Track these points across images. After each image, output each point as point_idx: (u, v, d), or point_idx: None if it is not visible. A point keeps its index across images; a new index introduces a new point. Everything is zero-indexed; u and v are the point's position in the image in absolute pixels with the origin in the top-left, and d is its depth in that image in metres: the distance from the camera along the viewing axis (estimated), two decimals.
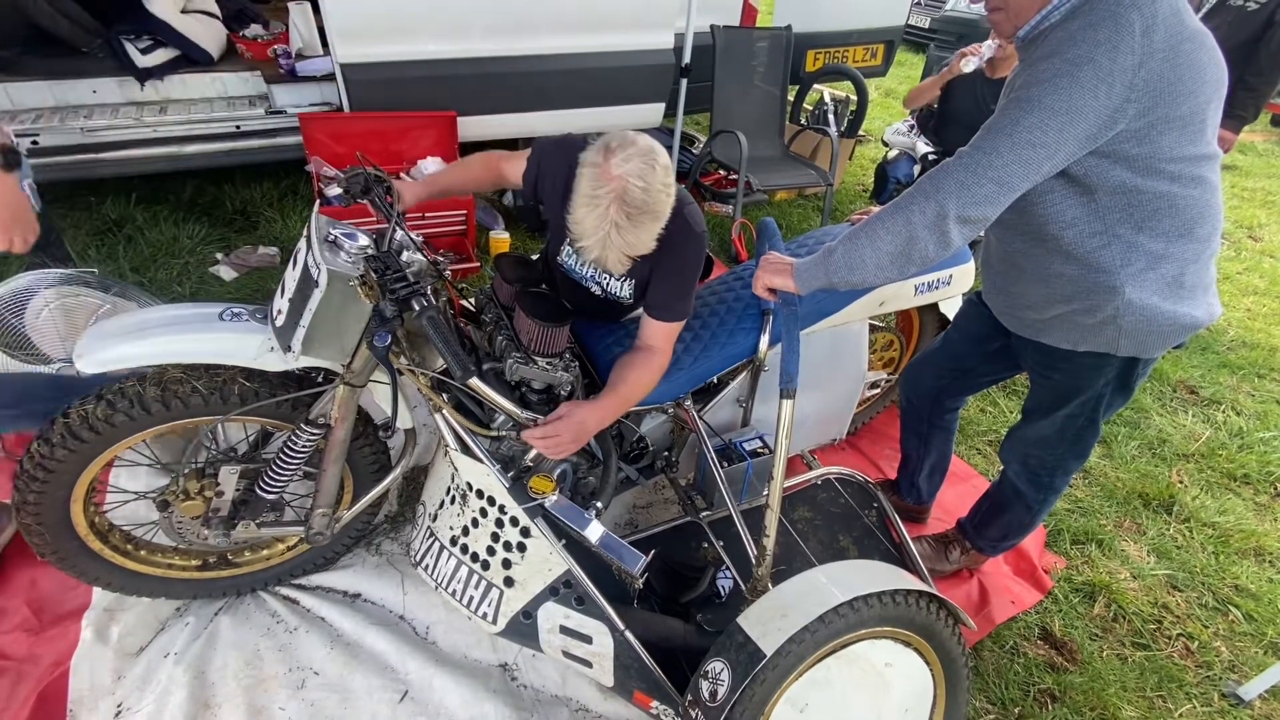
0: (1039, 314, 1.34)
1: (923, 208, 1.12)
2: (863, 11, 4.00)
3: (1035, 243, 1.26)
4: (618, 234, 1.18)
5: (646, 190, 1.17)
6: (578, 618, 1.33)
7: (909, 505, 2.01)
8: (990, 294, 1.51)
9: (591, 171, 1.19)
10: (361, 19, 2.63)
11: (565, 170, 1.33)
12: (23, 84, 2.71)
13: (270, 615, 1.58)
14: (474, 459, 1.37)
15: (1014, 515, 1.68)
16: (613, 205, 1.16)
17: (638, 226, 1.19)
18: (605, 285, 1.51)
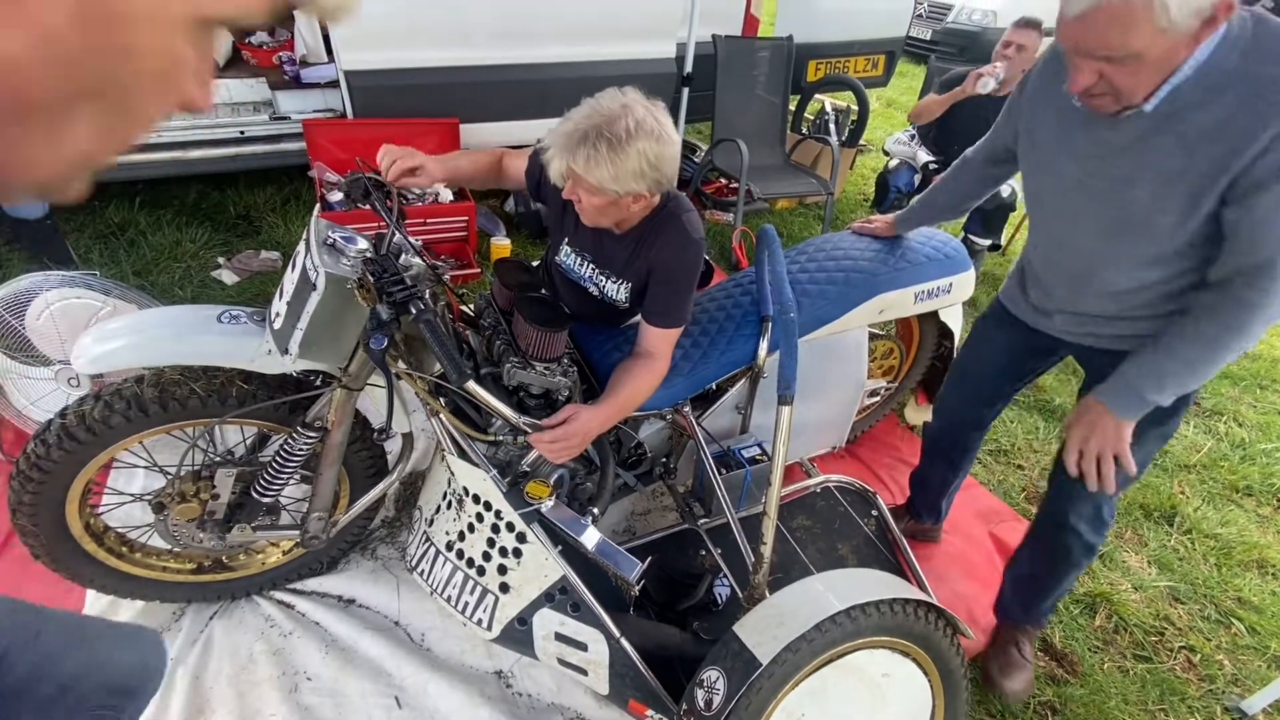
0: (1134, 327, 1.26)
1: (1262, 321, 1.06)
2: (864, 23, 4.02)
3: (1181, 274, 1.17)
4: (594, 149, 1.18)
5: (633, 115, 1.19)
6: (573, 625, 1.32)
7: (926, 526, 1.99)
8: (1050, 313, 1.40)
9: (578, 109, 1.24)
10: (365, 26, 2.65)
11: None
12: None
13: (265, 620, 1.58)
14: (471, 464, 1.36)
15: (1077, 570, 1.54)
16: (587, 118, 1.19)
17: (617, 151, 1.18)
18: (602, 287, 1.51)
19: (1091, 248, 1.23)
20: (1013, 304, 1.51)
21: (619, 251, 1.43)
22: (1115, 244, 1.19)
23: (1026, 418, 2.56)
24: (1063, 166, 1.22)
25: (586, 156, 1.18)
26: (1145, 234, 1.13)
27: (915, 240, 1.84)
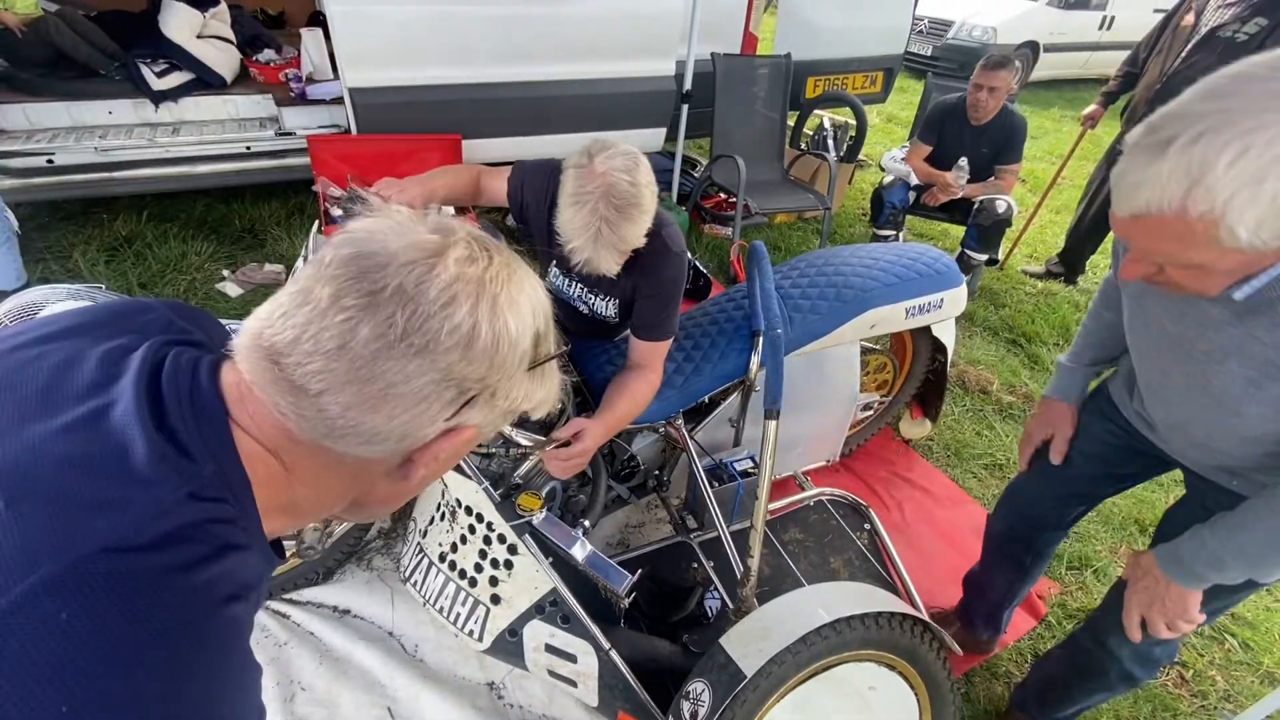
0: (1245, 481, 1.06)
1: None
2: (862, 40, 4.08)
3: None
4: (608, 229, 1.20)
5: (634, 184, 1.20)
6: (563, 636, 1.33)
7: (982, 639, 1.71)
8: (1168, 432, 1.17)
9: (576, 172, 1.22)
10: (370, 45, 2.71)
11: (548, 190, 1.38)
12: (41, 105, 2.80)
13: (260, 630, 1.59)
14: (463, 476, 1.39)
15: (1109, 695, 1.41)
16: (600, 201, 1.18)
17: (627, 220, 1.21)
18: (592, 305, 1.54)
19: (1185, 409, 1.06)
20: (1121, 402, 1.27)
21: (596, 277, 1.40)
22: (1207, 415, 1.01)
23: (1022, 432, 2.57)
24: (1155, 314, 1.02)
25: (610, 249, 1.23)
26: (1236, 417, 0.96)
27: (907, 256, 1.86)
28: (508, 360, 0.49)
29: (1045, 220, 4.55)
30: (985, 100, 2.93)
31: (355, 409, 0.45)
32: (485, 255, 0.49)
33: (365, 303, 0.44)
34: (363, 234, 0.47)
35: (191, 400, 0.45)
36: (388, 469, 0.52)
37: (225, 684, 0.41)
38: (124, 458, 0.40)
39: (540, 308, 0.53)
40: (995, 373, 2.86)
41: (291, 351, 0.44)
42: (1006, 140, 3.03)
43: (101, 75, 2.93)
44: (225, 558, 0.42)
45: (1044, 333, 3.15)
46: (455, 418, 0.49)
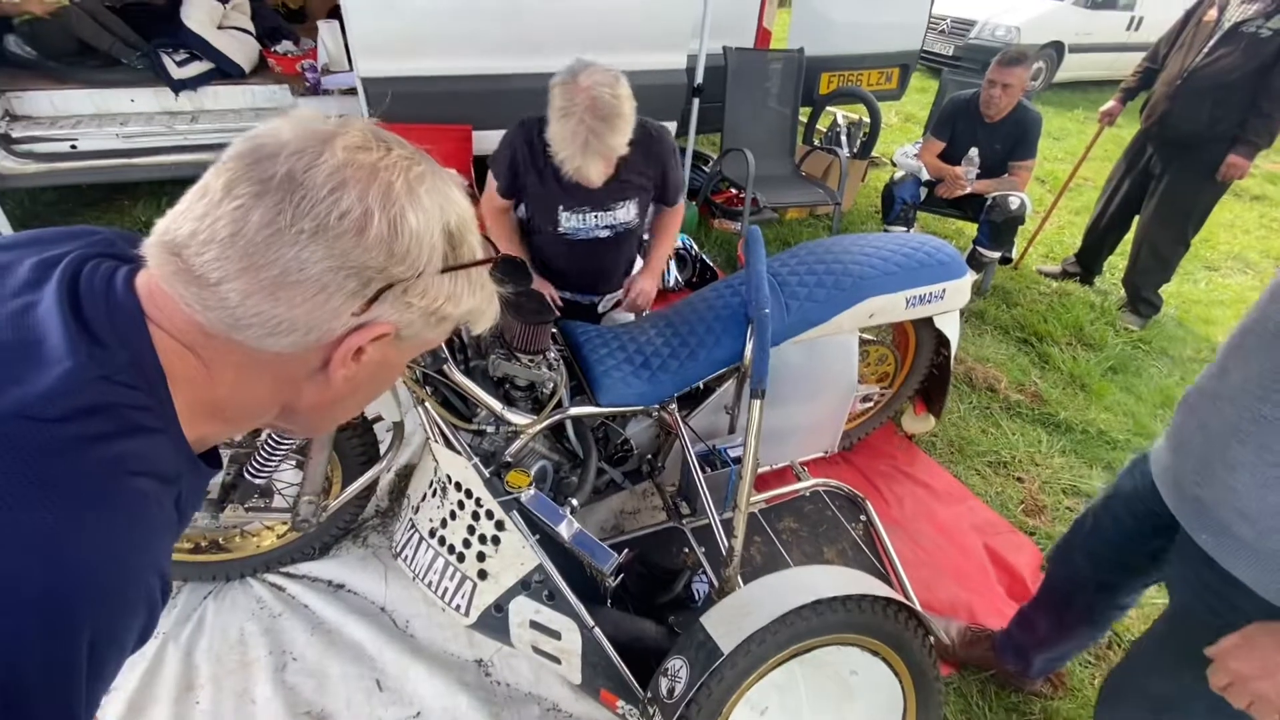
0: (1256, 524, 0.89)
1: None
2: (877, 36, 4.05)
3: None
4: (595, 139, 1.35)
5: (615, 97, 1.36)
6: (548, 613, 1.34)
7: (1007, 667, 1.61)
8: (1185, 475, 1.03)
9: (563, 89, 1.38)
10: (382, 36, 2.75)
11: (531, 139, 1.67)
12: (67, 92, 2.88)
13: (256, 601, 1.62)
14: (454, 452, 1.40)
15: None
16: (586, 113, 1.33)
17: (611, 129, 1.36)
18: (614, 221, 1.74)
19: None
20: (1159, 465, 1.15)
21: (614, 185, 1.68)
22: None
23: (1029, 430, 2.53)
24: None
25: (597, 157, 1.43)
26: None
27: (908, 245, 1.84)
28: (410, 252, 0.49)
29: (1064, 220, 4.48)
30: (999, 97, 2.89)
31: (254, 296, 0.46)
32: (382, 146, 0.50)
33: (256, 190, 0.45)
34: (262, 129, 0.49)
35: (106, 299, 0.47)
36: (309, 370, 0.53)
37: (128, 549, 0.44)
38: (41, 344, 0.44)
39: (453, 208, 0.53)
40: (1004, 371, 2.82)
41: (190, 243, 0.46)
42: (1020, 136, 2.98)
43: (124, 64, 3.01)
44: (134, 437, 0.45)
45: (1056, 332, 3.10)
46: (366, 312, 0.50)
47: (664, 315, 1.81)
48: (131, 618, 0.45)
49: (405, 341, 0.55)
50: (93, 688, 0.43)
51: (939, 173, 3.15)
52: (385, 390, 0.66)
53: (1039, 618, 1.51)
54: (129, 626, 0.45)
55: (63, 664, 0.40)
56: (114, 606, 0.44)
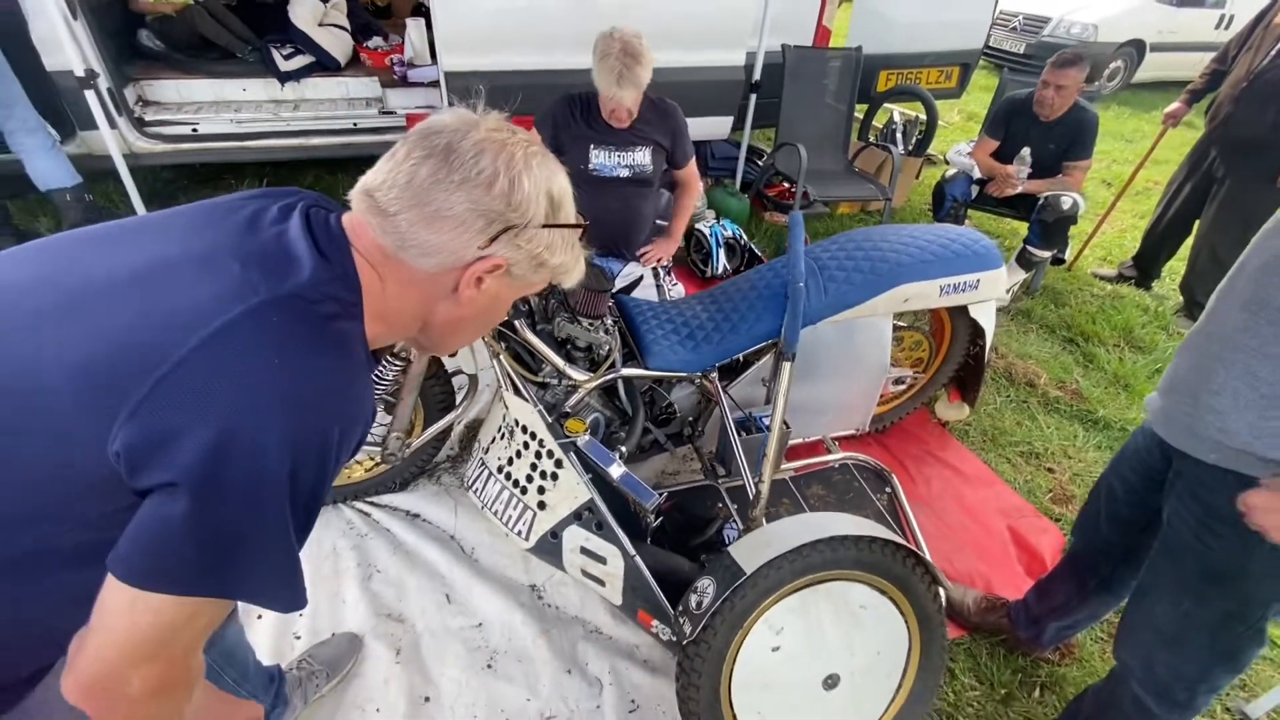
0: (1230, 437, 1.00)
1: None
2: (938, 35, 4.07)
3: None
4: (628, 71, 1.94)
5: (639, 43, 1.97)
6: (596, 541, 1.54)
7: (1019, 635, 1.68)
8: (1170, 403, 1.14)
9: (603, 40, 1.99)
10: (464, 33, 3.00)
11: (569, 108, 2.23)
12: (190, 82, 3.26)
13: (347, 523, 1.89)
14: (522, 399, 1.62)
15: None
16: (621, 54, 1.93)
17: (638, 64, 1.95)
18: (632, 160, 2.21)
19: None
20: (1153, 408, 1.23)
21: (632, 131, 2.21)
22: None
23: (1066, 425, 2.58)
24: None
25: (630, 85, 2.00)
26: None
27: (945, 236, 1.96)
28: (522, 204, 0.70)
29: (1127, 224, 4.40)
30: (1052, 98, 2.92)
31: (417, 225, 0.68)
32: (511, 132, 0.72)
33: (425, 153, 0.67)
34: (434, 117, 0.73)
35: (327, 230, 0.71)
36: (444, 291, 0.74)
37: (359, 384, 0.69)
38: (296, 255, 0.68)
39: (557, 181, 0.74)
40: (1045, 368, 2.86)
41: (380, 187, 0.68)
42: (1076, 137, 3.00)
43: (238, 58, 3.37)
44: (350, 320, 0.69)
45: (1104, 333, 3.11)
46: (489, 247, 0.70)
47: (710, 293, 1.98)
48: (359, 424, 0.69)
49: (514, 279, 0.76)
50: (335, 468, 0.67)
51: (990, 171, 3.19)
52: (496, 323, 0.88)
53: (1058, 586, 1.60)
54: (357, 428, 0.69)
55: (324, 444, 0.64)
56: (352, 417, 0.67)
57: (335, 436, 0.65)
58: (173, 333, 0.60)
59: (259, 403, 0.60)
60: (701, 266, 3.36)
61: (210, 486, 0.58)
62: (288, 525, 0.64)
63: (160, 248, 0.68)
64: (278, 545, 0.64)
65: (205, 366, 0.59)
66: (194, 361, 0.59)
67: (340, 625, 1.65)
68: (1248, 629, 1.08)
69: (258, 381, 0.60)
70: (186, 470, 0.57)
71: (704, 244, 3.32)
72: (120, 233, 0.71)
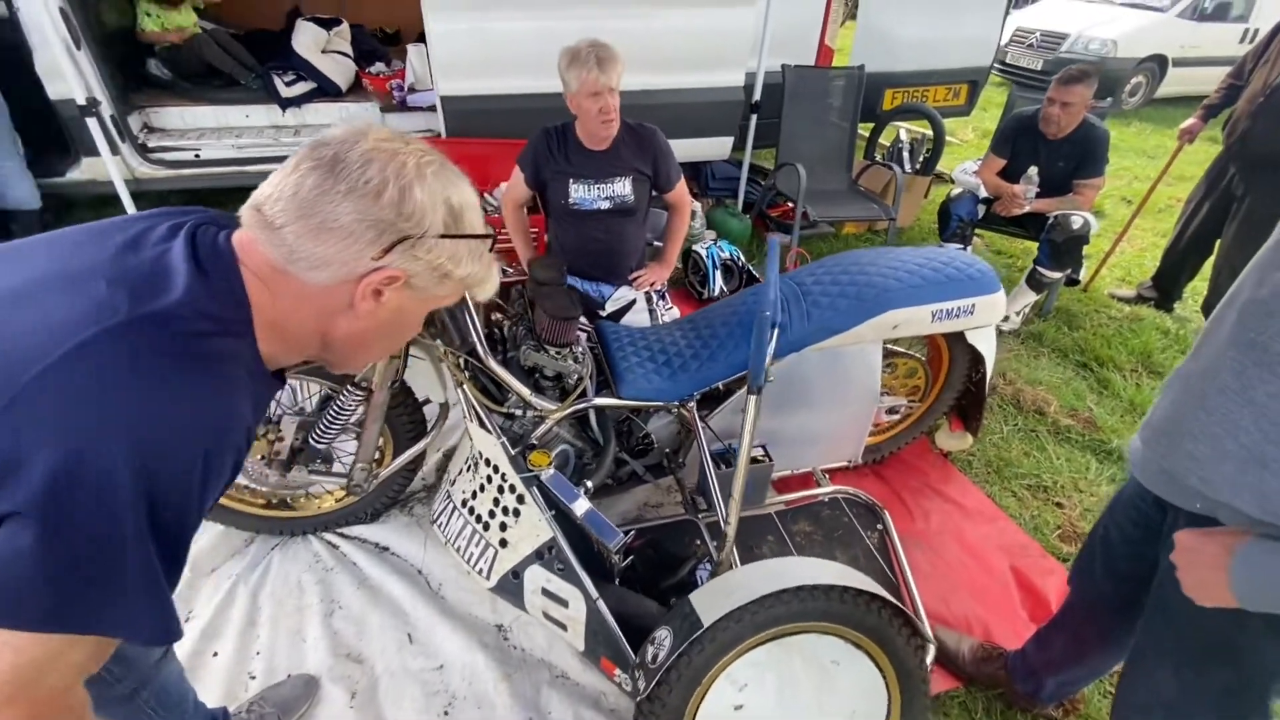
0: (1212, 488, 0.90)
1: None
2: (945, 52, 4.00)
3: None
4: (603, 57, 1.93)
5: (606, 43, 1.97)
6: (558, 582, 1.46)
7: (1018, 690, 1.58)
8: (1149, 447, 1.04)
9: (567, 52, 1.99)
10: (461, 58, 3.01)
11: (546, 143, 2.19)
12: (194, 108, 3.32)
13: (314, 555, 1.84)
14: (486, 431, 1.56)
15: None
16: (590, 49, 1.94)
17: (611, 57, 1.96)
18: (613, 193, 2.18)
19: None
20: (1135, 456, 1.14)
21: (610, 161, 2.17)
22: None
23: (1077, 456, 2.44)
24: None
25: (607, 69, 1.95)
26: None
27: (937, 260, 1.87)
28: (415, 214, 0.67)
29: (1148, 242, 4.24)
30: (1059, 115, 2.82)
31: (304, 238, 0.65)
32: (405, 142, 0.69)
33: (312, 164, 0.66)
34: (325, 132, 0.70)
35: (213, 248, 0.69)
36: (341, 304, 0.70)
37: (227, 404, 0.65)
38: (172, 274, 0.65)
39: (457, 191, 0.71)
40: (1056, 394, 2.73)
41: (266, 200, 0.66)
42: (1085, 155, 2.89)
43: (242, 84, 3.43)
44: (226, 339, 0.66)
45: (1120, 358, 2.96)
46: (382, 259, 0.67)
47: (691, 319, 1.92)
48: (229, 452, 0.66)
49: (417, 292, 0.73)
50: (202, 498, 0.63)
51: (996, 190, 3.09)
52: (406, 338, 0.86)
53: (1055, 637, 1.49)
54: (227, 457, 0.66)
55: (187, 467, 0.61)
56: (218, 438, 0.64)
57: (198, 460, 0.62)
58: (24, 355, 0.58)
59: (108, 425, 0.57)
60: (699, 288, 3.29)
61: (58, 515, 0.56)
62: (149, 556, 0.61)
63: (41, 267, 0.66)
64: (140, 577, 0.61)
65: (53, 389, 0.57)
66: (42, 384, 0.57)
67: (299, 665, 1.58)
68: (1253, 706, 0.98)
69: (108, 403, 0.58)
70: (32, 498, 0.55)
71: (701, 265, 3.25)
72: (12, 252, 0.70)
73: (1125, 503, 1.20)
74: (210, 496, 0.65)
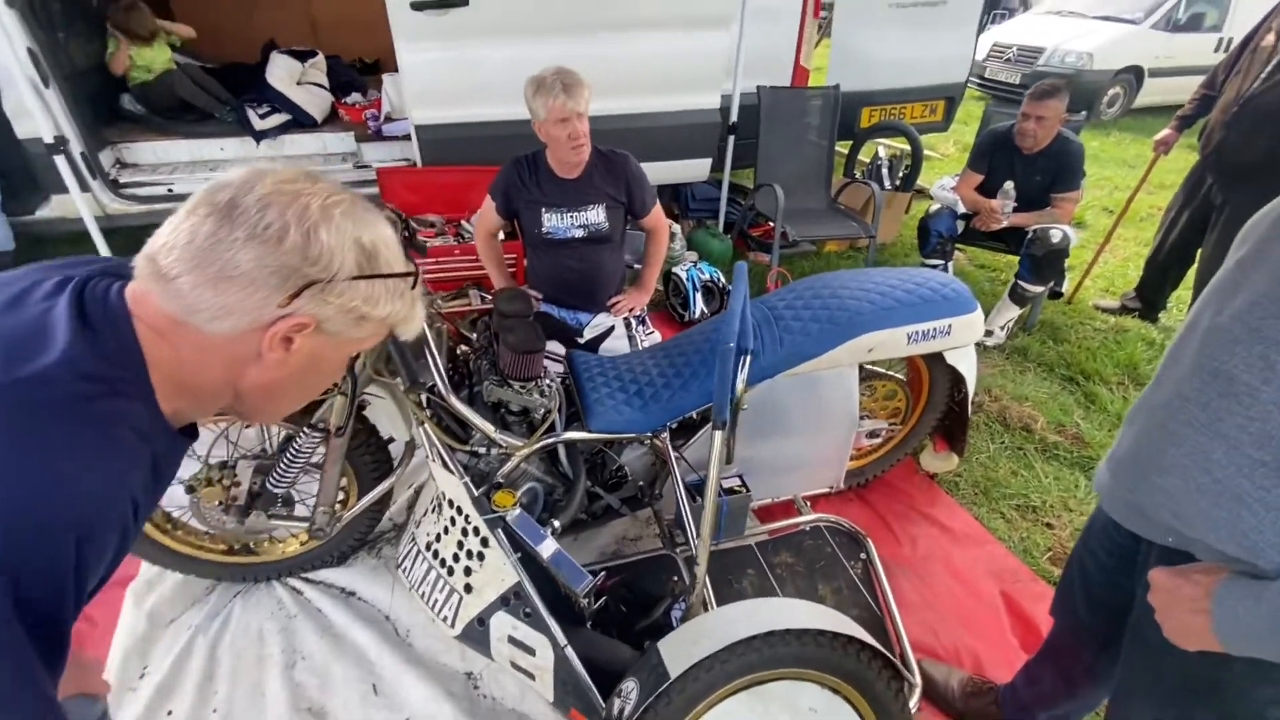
0: (1186, 524, 0.86)
1: None
2: (920, 70, 4.02)
3: None
4: (569, 83, 1.93)
5: (572, 72, 1.97)
6: (524, 629, 1.40)
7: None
8: (1117, 481, 1.00)
9: (534, 80, 1.99)
10: (434, 86, 3.00)
11: (517, 172, 2.17)
12: (168, 143, 3.30)
13: (277, 602, 1.77)
14: (448, 471, 1.50)
15: None
16: (555, 75, 1.94)
17: (577, 83, 1.95)
18: (586, 220, 2.15)
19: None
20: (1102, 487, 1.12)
21: (582, 188, 2.14)
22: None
23: (1066, 473, 2.40)
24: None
25: (574, 95, 1.94)
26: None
27: (911, 280, 1.83)
28: (322, 257, 0.63)
29: (1129, 253, 4.23)
30: (1033, 130, 2.82)
31: (200, 287, 0.61)
32: (309, 180, 0.66)
33: (207, 210, 0.62)
34: (224, 174, 0.65)
35: (103, 303, 0.64)
36: (250, 353, 0.66)
37: (108, 476, 0.59)
38: (53, 332, 0.60)
39: (369, 229, 0.68)
40: (1043, 410, 2.68)
41: (159, 249, 0.62)
42: (1061, 168, 2.89)
43: (216, 118, 3.42)
44: (116, 399, 0.61)
45: (1106, 370, 2.93)
46: (289, 305, 0.63)
47: (663, 346, 1.87)
48: (110, 529, 0.60)
49: (332, 336, 0.69)
50: (78, 579, 0.58)
51: (974, 206, 3.08)
52: (326, 384, 0.81)
53: (1043, 671, 1.44)
54: (108, 534, 0.60)
55: (54, 554, 0.55)
56: (94, 519, 0.58)
57: (68, 548, 0.56)
58: None
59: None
60: (680, 310, 3.26)
61: None
62: (23, 647, 0.55)
63: None
64: (11, 674, 0.55)
65: None
66: None
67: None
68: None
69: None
70: None
71: (681, 288, 3.22)
72: None
73: (1099, 532, 1.15)
74: (91, 579, 0.59)
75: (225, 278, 0.61)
